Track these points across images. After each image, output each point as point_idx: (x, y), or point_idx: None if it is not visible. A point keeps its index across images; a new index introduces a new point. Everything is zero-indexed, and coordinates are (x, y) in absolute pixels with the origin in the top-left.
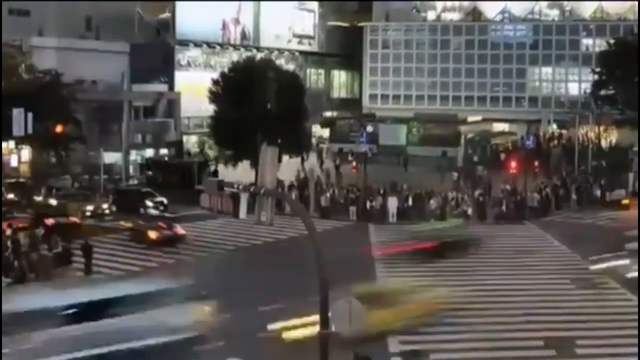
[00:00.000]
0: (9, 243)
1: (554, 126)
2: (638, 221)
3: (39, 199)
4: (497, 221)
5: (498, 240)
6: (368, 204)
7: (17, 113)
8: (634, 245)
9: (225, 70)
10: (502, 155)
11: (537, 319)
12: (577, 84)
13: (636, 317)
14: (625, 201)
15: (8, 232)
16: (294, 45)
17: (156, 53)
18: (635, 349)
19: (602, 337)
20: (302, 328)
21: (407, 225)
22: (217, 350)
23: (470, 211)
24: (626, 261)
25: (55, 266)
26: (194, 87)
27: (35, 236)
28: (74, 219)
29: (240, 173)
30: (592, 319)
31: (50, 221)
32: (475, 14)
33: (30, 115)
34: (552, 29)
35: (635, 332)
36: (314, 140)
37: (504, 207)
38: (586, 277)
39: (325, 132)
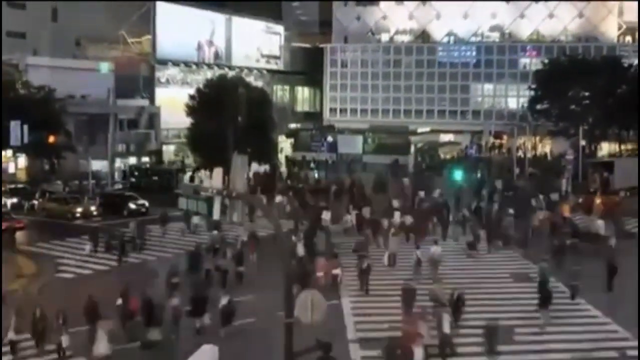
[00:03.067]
0: None
1: (491, 138)
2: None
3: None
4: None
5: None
6: None
7: (14, 125)
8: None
9: (201, 86)
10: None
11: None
12: (515, 98)
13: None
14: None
15: None
16: (262, 64)
17: (139, 71)
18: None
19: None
20: None
21: None
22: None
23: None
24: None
25: None
26: (173, 102)
27: None
28: None
29: (213, 178)
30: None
31: None
32: (424, 36)
33: (26, 126)
34: (493, 49)
35: None
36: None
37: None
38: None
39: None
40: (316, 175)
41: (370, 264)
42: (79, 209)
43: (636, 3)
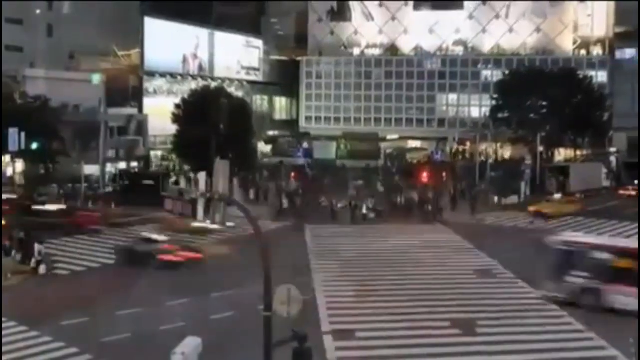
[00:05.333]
0: None
1: (455, 144)
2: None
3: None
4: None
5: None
6: None
7: (12, 132)
8: None
9: (186, 96)
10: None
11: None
12: (478, 108)
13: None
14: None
15: None
16: (243, 75)
17: (128, 82)
18: None
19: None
20: None
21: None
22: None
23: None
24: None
25: None
26: (160, 111)
27: None
28: None
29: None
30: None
31: None
32: (393, 50)
33: (23, 133)
34: (457, 62)
35: None
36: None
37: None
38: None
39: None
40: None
41: None
42: None
43: (590, 19)
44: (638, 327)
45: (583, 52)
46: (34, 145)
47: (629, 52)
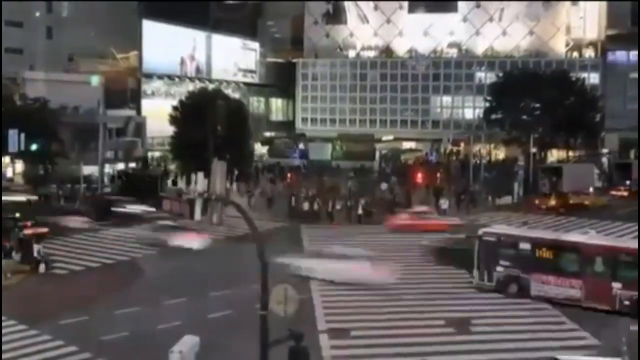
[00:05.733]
0: None
1: (449, 145)
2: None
3: None
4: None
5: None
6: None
7: (12, 133)
8: None
9: (183, 98)
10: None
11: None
12: (471, 109)
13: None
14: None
15: None
16: (239, 77)
17: (126, 84)
18: None
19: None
20: None
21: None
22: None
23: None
24: None
25: None
26: (157, 112)
27: None
28: None
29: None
30: None
31: None
32: (387, 52)
33: (23, 135)
34: (451, 64)
35: None
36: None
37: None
38: None
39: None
40: None
41: None
42: None
43: (582, 22)
44: (638, 327)
45: (575, 54)
46: (34, 146)
47: (620, 54)
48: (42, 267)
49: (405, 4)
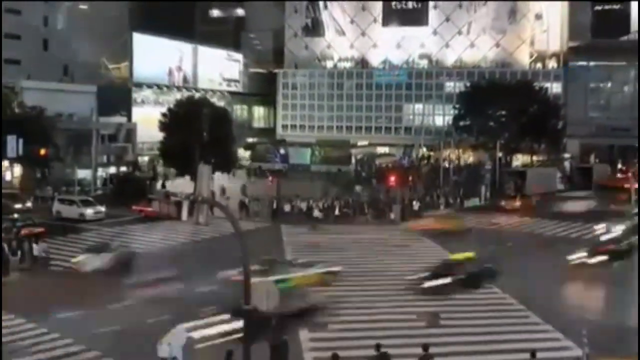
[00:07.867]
0: None
1: (424, 149)
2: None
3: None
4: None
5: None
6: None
7: (10, 139)
8: None
9: (171, 106)
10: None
11: None
12: (441, 117)
13: None
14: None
15: None
16: (224, 87)
17: (118, 93)
18: None
19: None
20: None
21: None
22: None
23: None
24: None
25: None
26: (147, 119)
27: None
28: None
29: (182, 185)
30: None
31: None
32: (363, 63)
33: (21, 140)
34: (422, 74)
35: None
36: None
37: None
38: None
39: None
40: None
41: None
42: None
43: (545, 35)
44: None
45: (539, 65)
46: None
47: (581, 65)
48: (40, 265)
49: (380, 18)
